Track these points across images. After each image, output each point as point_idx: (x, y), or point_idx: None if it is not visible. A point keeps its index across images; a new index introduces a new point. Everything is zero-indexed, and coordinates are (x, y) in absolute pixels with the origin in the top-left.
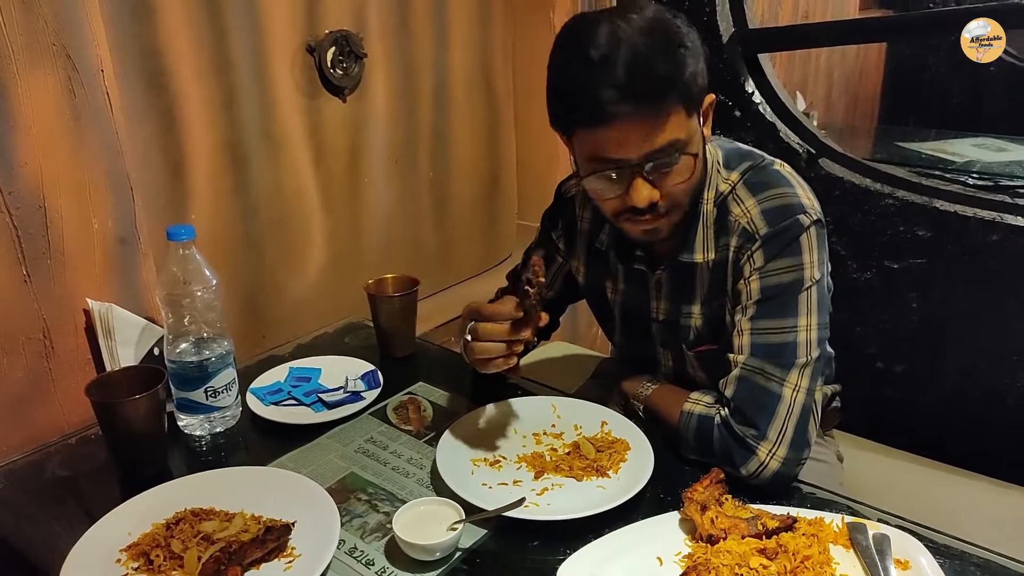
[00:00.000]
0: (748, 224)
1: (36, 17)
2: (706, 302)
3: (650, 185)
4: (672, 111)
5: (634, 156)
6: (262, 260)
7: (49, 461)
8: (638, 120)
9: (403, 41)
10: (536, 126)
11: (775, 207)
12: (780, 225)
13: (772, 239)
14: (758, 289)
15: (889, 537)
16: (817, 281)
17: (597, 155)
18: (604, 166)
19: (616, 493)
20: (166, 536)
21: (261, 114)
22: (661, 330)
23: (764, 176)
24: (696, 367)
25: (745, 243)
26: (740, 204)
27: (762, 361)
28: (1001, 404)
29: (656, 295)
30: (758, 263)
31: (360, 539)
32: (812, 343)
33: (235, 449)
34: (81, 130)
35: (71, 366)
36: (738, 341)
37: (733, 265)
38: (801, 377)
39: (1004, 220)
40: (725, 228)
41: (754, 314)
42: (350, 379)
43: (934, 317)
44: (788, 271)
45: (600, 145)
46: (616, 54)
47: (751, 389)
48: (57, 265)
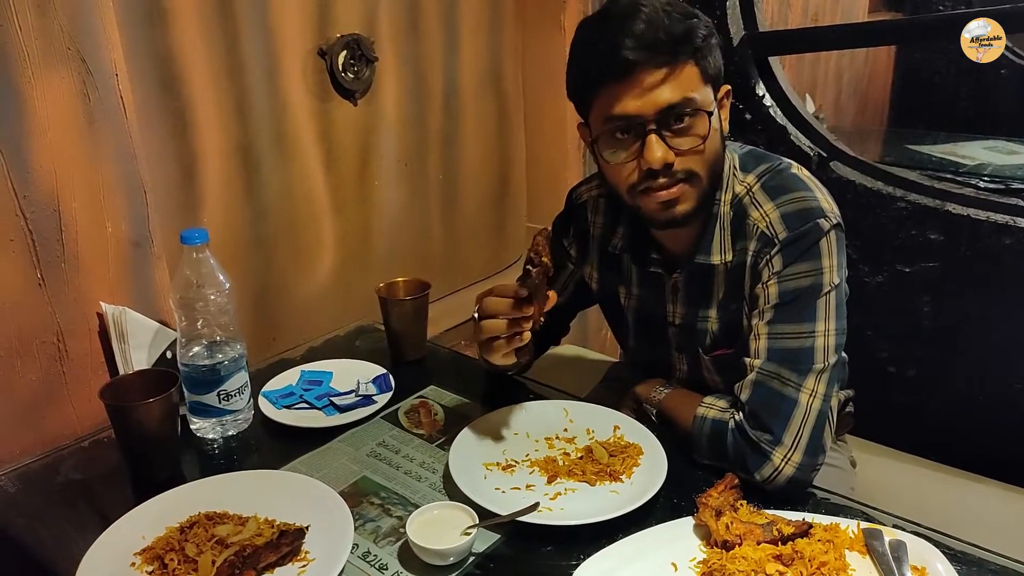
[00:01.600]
0: (767, 228)
1: (52, 22)
2: (723, 306)
3: (664, 145)
4: (687, 66)
5: (649, 111)
6: (273, 263)
7: (63, 464)
8: (653, 69)
9: (414, 45)
10: (546, 129)
11: (795, 211)
12: (800, 229)
13: (792, 243)
14: (776, 293)
15: (905, 543)
16: (836, 286)
17: (613, 112)
18: (619, 124)
19: (630, 498)
20: (180, 540)
21: (273, 118)
22: (677, 334)
23: (782, 179)
24: (712, 371)
25: (764, 247)
26: (758, 208)
27: (779, 366)
28: (1014, 408)
29: (673, 299)
30: (777, 267)
31: (373, 543)
32: (829, 348)
33: (248, 453)
34: (95, 134)
35: (85, 369)
36: (755, 345)
37: (751, 269)
38: (818, 383)
39: (1017, 224)
40: (743, 231)
41: (771, 318)
42: (362, 382)
43: (946, 321)
44: (807, 275)
45: (616, 99)
46: (636, 11)
47: (767, 394)
48: (71, 269)
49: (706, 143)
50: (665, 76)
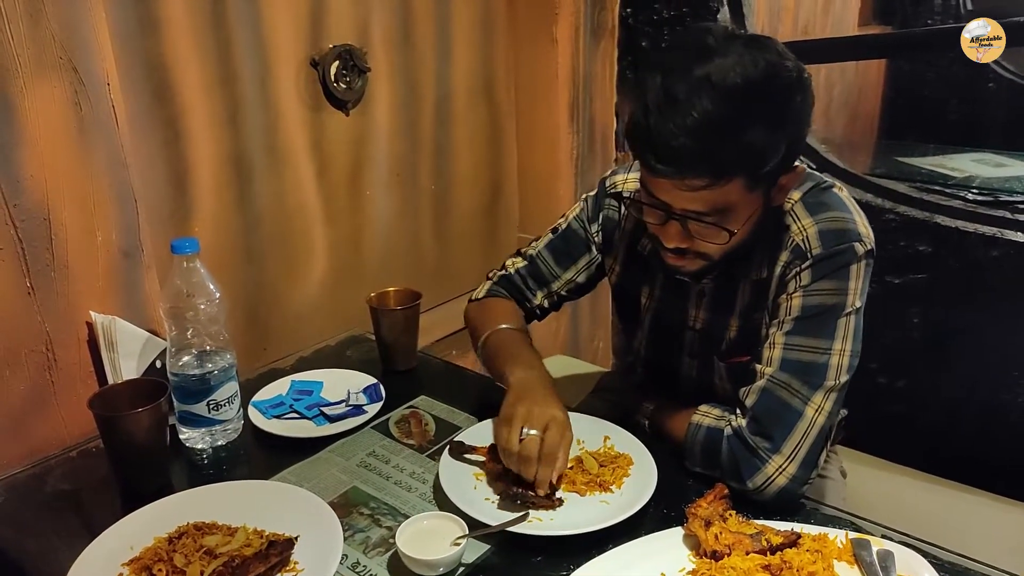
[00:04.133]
0: (803, 242)
1: (43, 31)
2: (745, 315)
3: (682, 234)
4: (731, 181)
5: (675, 206)
6: (264, 272)
7: (50, 474)
8: (685, 183)
9: (406, 55)
10: (538, 139)
11: (833, 230)
12: (834, 248)
13: (824, 260)
14: (799, 306)
15: (893, 554)
16: (858, 310)
17: (647, 183)
18: (649, 198)
19: (619, 508)
20: (168, 550)
21: (265, 127)
22: (695, 339)
23: (824, 198)
24: (724, 378)
25: (795, 259)
26: (797, 222)
27: (790, 376)
28: (1002, 419)
29: (696, 304)
30: (805, 281)
31: (363, 554)
32: (843, 368)
33: (237, 463)
34: (87, 143)
35: (73, 379)
36: (768, 353)
37: (779, 279)
38: (826, 400)
39: (1005, 236)
40: (779, 244)
41: (790, 329)
42: (352, 392)
43: (935, 332)
44: (833, 293)
45: (649, 180)
46: (689, 108)
47: (773, 402)
48: (61, 277)
49: (732, 238)
50: (704, 185)
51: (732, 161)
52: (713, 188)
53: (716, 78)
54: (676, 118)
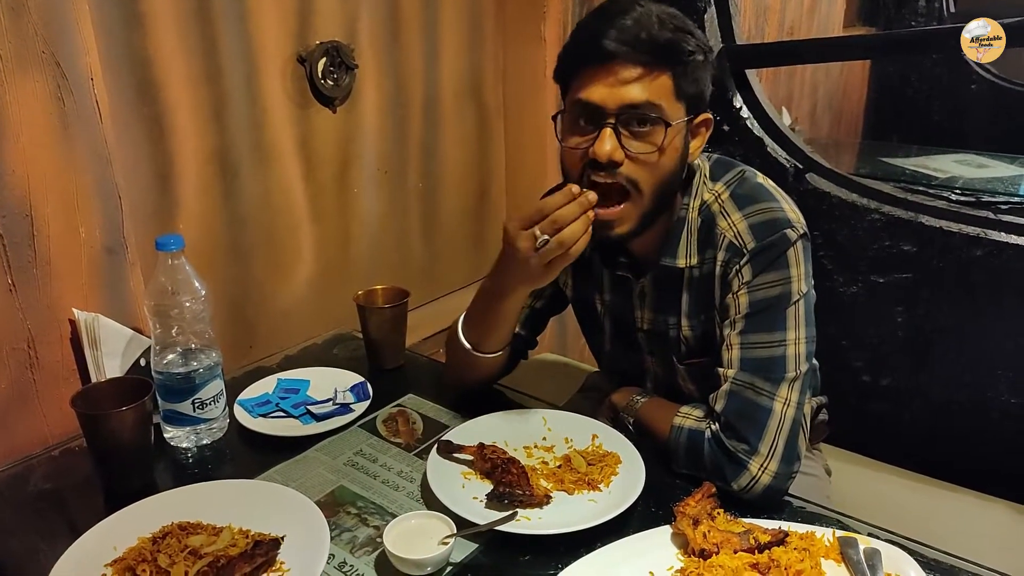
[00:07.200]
0: (735, 238)
1: (26, 24)
2: (692, 315)
3: (616, 142)
4: (662, 75)
5: (612, 104)
6: (250, 270)
7: (32, 473)
8: (628, 64)
9: (394, 53)
10: (526, 139)
11: (762, 222)
12: (768, 240)
13: (760, 253)
14: (747, 303)
15: (880, 552)
16: (804, 295)
17: (580, 96)
18: (583, 109)
19: (608, 507)
20: (152, 551)
21: (251, 124)
22: (647, 339)
23: (748, 189)
24: (686, 379)
25: (733, 257)
26: (726, 217)
27: (752, 375)
28: (985, 417)
29: (640, 304)
30: (746, 277)
31: (350, 553)
32: (801, 356)
33: (222, 462)
34: (70, 138)
35: (56, 377)
36: (727, 355)
37: (721, 279)
38: (791, 391)
39: (988, 236)
40: (711, 240)
41: (743, 328)
42: (339, 391)
43: (919, 331)
44: (776, 285)
45: (587, 84)
46: (630, 9)
47: (742, 403)
48: (43, 274)
49: (660, 157)
50: (638, 76)
51: (668, 50)
52: (645, 80)
53: (656, 8)
54: (623, 7)
